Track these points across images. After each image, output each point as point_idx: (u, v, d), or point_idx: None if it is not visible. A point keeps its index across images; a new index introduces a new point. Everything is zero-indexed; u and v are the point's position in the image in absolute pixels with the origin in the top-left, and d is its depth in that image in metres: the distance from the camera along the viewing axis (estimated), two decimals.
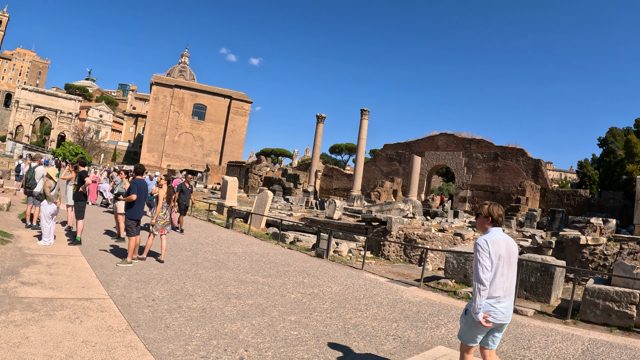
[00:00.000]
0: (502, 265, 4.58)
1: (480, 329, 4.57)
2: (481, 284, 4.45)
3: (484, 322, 4.44)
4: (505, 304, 4.59)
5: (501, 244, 4.62)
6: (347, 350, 6.08)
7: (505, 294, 4.59)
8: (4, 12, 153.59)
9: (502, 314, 4.56)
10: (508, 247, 4.68)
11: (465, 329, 4.73)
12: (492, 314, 4.51)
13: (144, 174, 11.16)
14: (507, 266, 4.64)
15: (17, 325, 5.46)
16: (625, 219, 28.45)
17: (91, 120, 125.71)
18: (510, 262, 4.68)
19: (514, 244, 4.82)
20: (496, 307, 4.53)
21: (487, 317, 4.47)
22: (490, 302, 4.53)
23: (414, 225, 19.08)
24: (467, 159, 38.83)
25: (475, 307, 4.45)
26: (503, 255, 4.60)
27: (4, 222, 12.95)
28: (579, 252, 13.16)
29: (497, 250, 4.56)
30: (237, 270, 10.75)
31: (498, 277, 4.56)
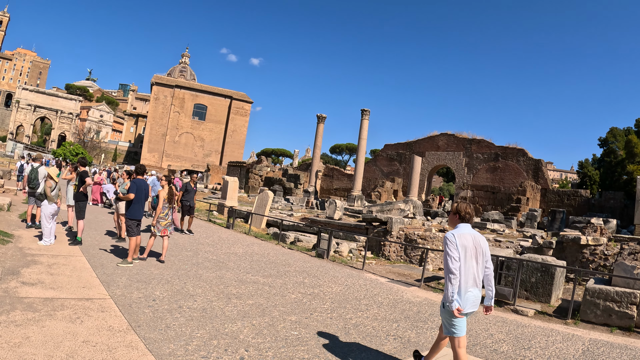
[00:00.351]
0: (469, 257, 4.95)
1: (455, 320, 4.91)
2: (451, 274, 4.83)
3: (457, 313, 4.80)
4: (474, 294, 4.97)
5: (468, 238, 5.00)
6: (348, 350, 6.08)
7: (473, 284, 4.96)
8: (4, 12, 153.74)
9: (471, 303, 4.95)
10: (475, 241, 5.04)
11: (448, 322, 5.01)
12: (465, 304, 4.88)
13: (144, 174, 11.16)
14: (475, 259, 5.00)
15: (18, 325, 5.47)
16: (625, 219, 28.44)
17: (92, 121, 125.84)
18: (477, 255, 5.02)
19: (482, 238, 5.16)
20: (466, 297, 4.90)
21: (459, 311, 4.82)
22: (466, 296, 4.90)
23: (415, 226, 19.08)
24: (467, 159, 38.82)
25: (449, 295, 4.84)
26: (469, 248, 4.97)
27: (5, 222, 12.96)
28: (579, 252, 13.15)
29: (463, 243, 4.93)
30: (238, 271, 10.75)
31: (466, 269, 4.92)
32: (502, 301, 9.72)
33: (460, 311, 4.83)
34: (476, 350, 6.59)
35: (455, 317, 4.87)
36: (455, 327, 4.96)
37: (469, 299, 4.94)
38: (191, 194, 16.69)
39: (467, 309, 4.95)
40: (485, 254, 5.11)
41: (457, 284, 4.86)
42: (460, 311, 4.83)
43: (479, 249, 5.05)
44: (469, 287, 4.95)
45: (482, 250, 5.07)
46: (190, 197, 16.54)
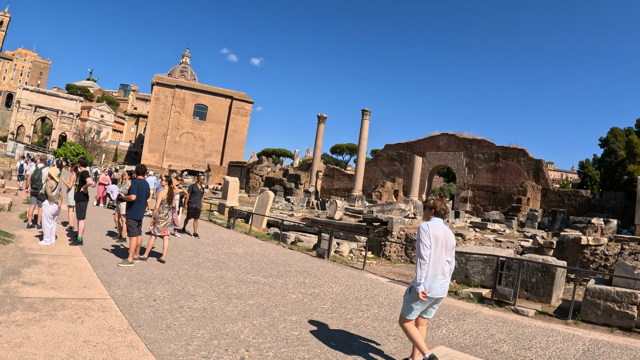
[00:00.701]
0: (439, 248, 5.46)
1: (421, 303, 5.44)
2: (422, 259, 5.34)
3: (422, 296, 5.29)
4: (442, 282, 5.47)
5: (439, 230, 5.52)
6: (349, 350, 6.08)
7: (441, 273, 5.47)
8: (5, 13, 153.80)
9: (437, 289, 5.43)
10: (446, 235, 5.58)
11: (407, 304, 5.56)
12: (431, 289, 5.37)
13: (145, 174, 11.16)
14: (444, 250, 5.51)
15: (19, 325, 5.47)
16: (626, 220, 28.44)
17: (92, 121, 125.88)
18: (447, 247, 5.56)
19: (452, 234, 5.71)
20: (435, 284, 5.40)
21: (425, 295, 5.30)
22: (431, 282, 5.38)
23: (415, 226, 19.08)
24: (468, 159, 38.83)
25: (417, 278, 5.33)
26: (440, 239, 5.48)
27: (6, 222, 12.97)
28: (580, 252, 13.15)
29: (435, 233, 5.45)
30: (238, 271, 10.75)
31: (436, 258, 5.43)
32: (503, 301, 9.71)
33: (425, 294, 5.30)
34: (476, 350, 6.59)
35: (418, 300, 5.35)
36: (412, 310, 5.50)
37: (436, 286, 5.41)
38: (197, 195, 16.22)
39: (434, 294, 5.42)
40: (452, 249, 5.62)
41: (426, 270, 5.34)
42: (425, 294, 5.30)
43: (448, 242, 5.58)
44: (437, 274, 5.43)
45: (452, 244, 5.61)
46: (196, 199, 16.10)
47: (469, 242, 16.94)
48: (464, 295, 10.24)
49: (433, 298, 5.46)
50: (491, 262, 10.75)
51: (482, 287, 10.81)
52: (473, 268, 11.12)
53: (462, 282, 11.29)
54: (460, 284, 11.24)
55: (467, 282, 11.19)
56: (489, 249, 12.65)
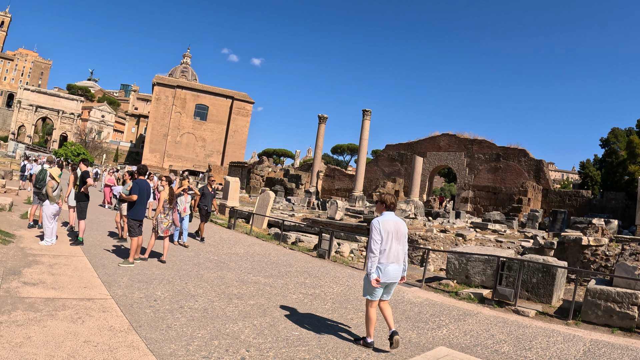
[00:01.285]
0: (390, 239, 6.10)
1: (375, 288, 6.11)
2: (372, 253, 6.06)
3: (374, 283, 6.00)
4: (393, 268, 6.15)
5: (390, 224, 6.17)
6: (349, 350, 6.08)
7: (393, 260, 6.13)
8: (6, 13, 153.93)
9: (391, 274, 6.12)
10: (396, 226, 6.21)
11: (366, 287, 6.28)
12: (385, 275, 6.05)
13: (146, 175, 11.16)
14: (395, 240, 6.16)
15: (19, 325, 5.48)
16: (627, 220, 28.41)
17: (93, 121, 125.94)
18: (398, 237, 6.21)
19: (403, 224, 6.37)
20: (387, 270, 6.07)
21: (378, 280, 6.00)
22: (381, 267, 6.05)
23: (416, 226, 19.08)
24: (469, 160, 38.82)
25: (368, 269, 6.08)
26: (391, 232, 6.12)
27: (6, 222, 12.98)
28: (580, 252, 13.15)
29: (386, 228, 6.08)
30: (239, 271, 10.75)
31: (388, 248, 6.07)
32: (503, 302, 9.71)
33: (378, 281, 6.02)
34: (477, 350, 6.59)
35: (374, 285, 6.07)
36: (373, 293, 6.19)
37: (389, 272, 6.11)
38: (208, 198, 15.43)
39: (388, 280, 6.13)
40: (404, 237, 6.32)
41: (376, 261, 6.05)
42: (378, 281, 6.02)
43: (400, 233, 6.24)
44: (389, 262, 6.10)
45: (403, 234, 6.28)
46: (208, 202, 15.33)
47: (470, 243, 16.93)
48: (464, 296, 10.23)
49: (387, 282, 6.18)
50: (492, 262, 10.74)
51: (482, 287, 10.80)
52: (474, 268, 11.12)
53: (462, 283, 11.29)
54: (461, 285, 11.23)
55: (467, 282, 11.18)
56: (489, 250, 12.65)
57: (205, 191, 15.42)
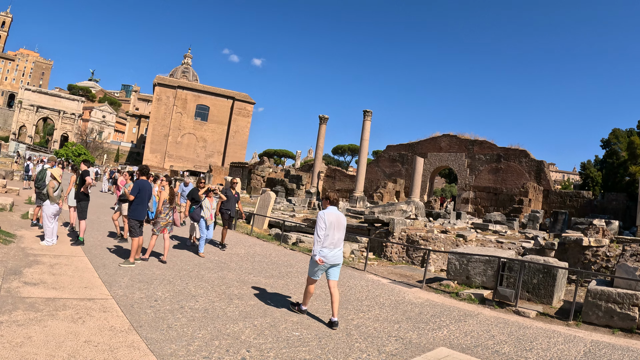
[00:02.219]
0: (332, 228, 7.33)
1: (319, 267, 7.34)
2: (318, 237, 7.24)
3: (319, 261, 7.20)
4: (335, 252, 7.37)
5: (333, 216, 7.40)
6: (350, 351, 6.08)
7: (334, 246, 7.37)
8: (7, 13, 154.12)
9: (333, 257, 7.34)
10: (337, 218, 7.45)
11: (311, 268, 7.48)
12: (326, 258, 7.25)
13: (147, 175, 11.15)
14: (337, 229, 7.40)
15: (20, 325, 5.48)
16: (628, 221, 28.38)
17: (94, 121, 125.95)
18: (339, 227, 7.46)
19: (343, 217, 7.64)
20: (329, 254, 7.29)
21: (322, 260, 7.21)
22: (325, 251, 7.25)
23: (417, 227, 19.08)
24: (469, 160, 38.80)
25: (314, 252, 7.25)
26: (333, 222, 7.36)
27: (7, 222, 12.99)
28: (581, 253, 13.14)
29: (330, 219, 7.32)
30: (240, 271, 10.76)
31: (330, 235, 7.30)
32: (504, 302, 9.70)
33: (321, 261, 7.20)
34: (477, 351, 6.59)
35: (318, 265, 7.28)
36: (315, 273, 7.42)
37: (332, 255, 7.31)
38: (232, 201, 14.41)
39: (330, 261, 7.32)
40: (343, 228, 7.58)
41: (320, 245, 7.24)
42: (321, 261, 7.20)
43: (340, 225, 7.48)
44: (331, 247, 7.32)
45: (342, 225, 7.55)
46: (231, 205, 14.33)
47: (471, 243, 16.92)
48: (465, 297, 10.23)
49: (329, 264, 7.35)
50: (492, 263, 10.74)
51: (483, 288, 10.80)
52: (474, 269, 11.11)
53: (463, 283, 11.28)
54: (461, 285, 11.23)
55: (468, 283, 11.18)
56: (490, 250, 12.64)
57: (228, 194, 14.44)
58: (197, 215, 12.80)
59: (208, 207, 12.61)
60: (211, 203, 12.82)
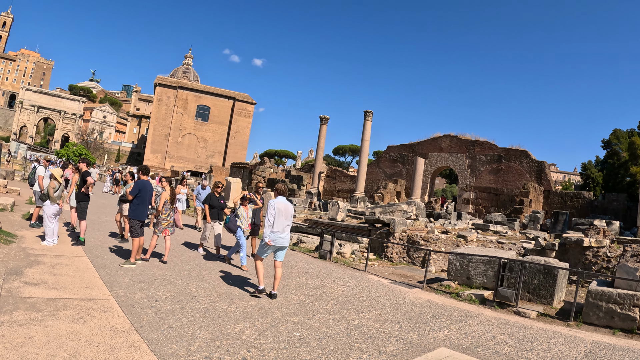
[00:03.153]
0: (279, 215, 8.49)
1: (268, 248, 8.56)
2: (268, 222, 8.38)
3: (269, 243, 8.37)
4: (282, 236, 8.59)
5: (281, 204, 8.60)
6: (350, 351, 6.08)
7: (282, 230, 8.56)
8: (8, 13, 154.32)
9: (281, 241, 8.58)
10: (285, 207, 8.65)
11: (260, 249, 8.71)
12: (274, 240, 8.43)
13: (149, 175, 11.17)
14: (284, 217, 8.59)
15: (21, 325, 5.49)
16: (628, 221, 28.35)
17: (95, 121, 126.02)
18: (287, 215, 8.66)
19: (291, 206, 8.85)
20: (277, 237, 8.48)
21: (270, 242, 8.38)
22: (274, 235, 8.43)
23: (417, 227, 19.08)
24: (470, 161, 38.79)
25: (264, 235, 8.39)
26: (281, 210, 8.55)
27: (8, 223, 13.00)
28: (582, 254, 13.14)
29: (278, 207, 8.50)
30: (240, 272, 10.76)
31: (277, 222, 8.47)
32: (505, 303, 9.70)
33: (270, 243, 8.38)
34: (478, 351, 6.59)
35: (267, 246, 8.48)
36: (263, 253, 8.67)
37: (280, 239, 8.54)
38: (256, 211, 13.26)
39: (277, 244, 8.51)
40: (290, 216, 8.77)
41: (270, 229, 8.39)
42: (270, 243, 8.38)
43: (287, 212, 8.66)
44: (279, 232, 8.51)
45: (289, 213, 8.74)
46: (255, 213, 13.13)
47: (471, 244, 16.92)
48: (465, 297, 10.23)
49: (277, 246, 8.55)
50: (493, 263, 10.74)
51: (484, 288, 10.80)
52: (475, 270, 11.12)
53: (464, 284, 11.28)
54: (462, 286, 11.23)
55: (469, 283, 11.18)
56: (491, 251, 12.64)
57: (251, 201, 13.18)
58: (233, 226, 11.67)
59: (244, 216, 11.74)
60: (247, 212, 11.92)
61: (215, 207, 12.93)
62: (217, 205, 12.94)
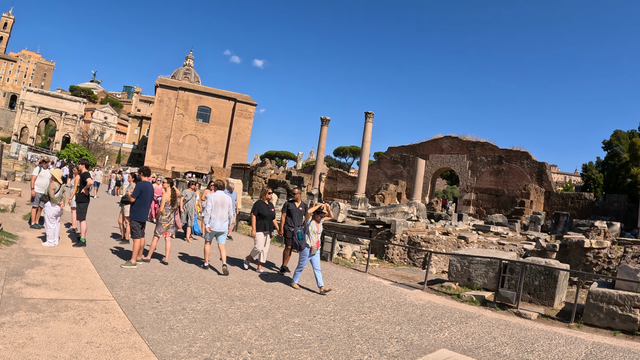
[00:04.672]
0: (218, 206, 10.37)
1: (210, 233, 10.46)
2: (206, 212, 10.34)
3: (209, 229, 10.33)
4: (221, 223, 10.49)
5: (218, 197, 10.46)
6: (351, 352, 6.09)
7: (221, 219, 10.48)
8: (9, 14, 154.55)
9: (220, 227, 10.47)
10: (222, 199, 10.50)
11: (205, 234, 10.56)
12: (213, 226, 10.37)
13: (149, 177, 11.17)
14: (221, 207, 10.42)
15: (22, 326, 5.49)
16: (629, 222, 28.35)
17: (96, 122, 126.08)
18: (223, 205, 10.52)
19: (228, 197, 10.76)
20: (215, 224, 10.40)
21: (210, 228, 10.34)
22: (213, 222, 10.36)
23: (418, 229, 19.07)
24: (471, 162, 38.80)
25: (205, 222, 10.34)
26: (218, 201, 10.40)
27: (9, 223, 13.00)
28: (583, 255, 13.13)
29: (215, 199, 10.35)
30: (241, 273, 10.77)
31: (217, 211, 10.37)
32: (505, 304, 9.70)
33: (210, 229, 10.35)
34: (479, 353, 6.59)
35: (208, 232, 10.38)
36: (208, 237, 10.55)
37: (219, 225, 10.44)
38: (297, 217, 11.46)
39: (216, 229, 10.42)
40: (227, 205, 10.64)
41: (209, 218, 10.32)
42: (210, 229, 10.35)
43: (224, 203, 10.52)
44: (217, 220, 10.40)
45: (227, 203, 10.62)
46: (295, 222, 11.34)
47: (472, 245, 16.91)
48: (466, 298, 10.23)
49: (216, 231, 10.44)
50: (494, 265, 10.74)
51: (484, 290, 10.80)
52: (476, 271, 11.12)
53: (464, 285, 11.28)
54: (463, 287, 11.23)
55: (469, 285, 11.18)
56: (491, 252, 12.64)
57: (291, 207, 11.64)
58: (304, 243, 9.93)
59: (316, 232, 9.98)
60: (318, 227, 10.12)
61: (266, 217, 11.38)
62: (267, 214, 11.38)
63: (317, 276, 9.80)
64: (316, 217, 10.03)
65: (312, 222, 9.97)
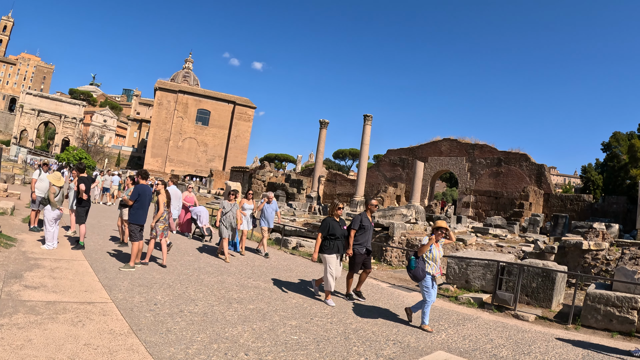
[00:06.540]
0: (174, 199, 12.99)
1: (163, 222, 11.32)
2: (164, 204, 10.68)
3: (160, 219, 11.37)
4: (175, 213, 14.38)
5: (172, 191, 13.58)
6: (348, 355, 6.11)
7: (177, 209, 14.55)
8: (8, 17, 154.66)
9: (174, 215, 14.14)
10: (175, 192, 13.92)
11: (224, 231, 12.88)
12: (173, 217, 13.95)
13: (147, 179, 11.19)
14: (175, 199, 13.70)
15: (20, 328, 5.51)
16: (629, 224, 28.36)
17: (95, 125, 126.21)
18: (176, 197, 14.24)
19: (179, 192, 14.97)
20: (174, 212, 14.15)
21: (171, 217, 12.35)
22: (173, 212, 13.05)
23: (417, 231, 19.10)
24: (470, 164, 38.83)
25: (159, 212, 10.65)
26: (174, 194, 12.76)
27: (8, 226, 13.02)
28: (581, 257, 13.16)
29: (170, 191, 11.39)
30: (239, 275, 10.79)
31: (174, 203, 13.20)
32: (503, 306, 9.72)
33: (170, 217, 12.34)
34: (475, 355, 6.61)
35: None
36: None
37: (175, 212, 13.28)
38: (368, 232, 9.91)
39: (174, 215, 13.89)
40: (179, 198, 14.58)
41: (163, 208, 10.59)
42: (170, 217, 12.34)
43: (176, 195, 13.73)
44: (174, 211, 13.55)
45: (178, 196, 14.34)
46: (366, 239, 9.86)
47: (470, 247, 16.94)
48: (464, 300, 10.25)
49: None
50: (492, 267, 10.76)
51: (482, 292, 10.82)
52: (473, 273, 11.14)
53: (462, 287, 11.30)
54: (460, 289, 11.25)
55: (467, 287, 11.20)
56: (489, 254, 12.67)
57: (364, 223, 9.84)
58: (422, 271, 8.03)
59: (437, 257, 8.17)
60: (439, 250, 8.31)
61: (338, 237, 9.42)
62: (340, 234, 9.42)
63: (426, 312, 7.94)
64: (437, 237, 8.17)
65: (433, 247, 8.13)
